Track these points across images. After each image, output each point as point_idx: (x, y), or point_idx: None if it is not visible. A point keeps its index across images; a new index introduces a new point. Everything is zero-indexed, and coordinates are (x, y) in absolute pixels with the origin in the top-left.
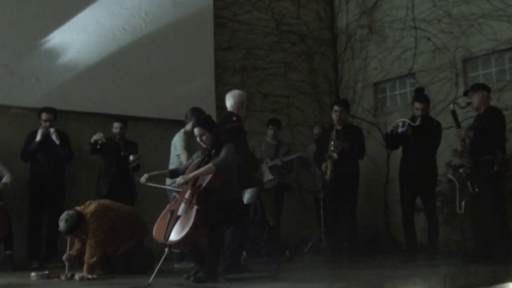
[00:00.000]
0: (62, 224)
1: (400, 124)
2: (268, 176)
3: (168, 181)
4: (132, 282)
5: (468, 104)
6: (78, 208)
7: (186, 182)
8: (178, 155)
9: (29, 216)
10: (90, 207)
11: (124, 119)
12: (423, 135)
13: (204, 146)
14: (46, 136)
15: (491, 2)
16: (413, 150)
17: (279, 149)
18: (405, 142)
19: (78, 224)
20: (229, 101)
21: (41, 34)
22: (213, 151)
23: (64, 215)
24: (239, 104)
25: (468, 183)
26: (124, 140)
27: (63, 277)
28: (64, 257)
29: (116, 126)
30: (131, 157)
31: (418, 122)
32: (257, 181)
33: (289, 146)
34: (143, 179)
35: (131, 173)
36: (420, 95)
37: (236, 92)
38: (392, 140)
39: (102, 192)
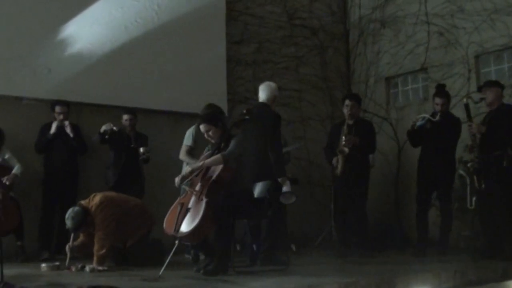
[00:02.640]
0: (68, 222)
1: (420, 119)
2: (285, 188)
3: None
4: (143, 274)
5: (482, 99)
6: (83, 202)
7: (195, 171)
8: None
9: (42, 207)
10: (95, 199)
11: (133, 111)
12: (442, 131)
13: (213, 141)
14: (60, 128)
15: None
16: (432, 146)
17: None
18: (424, 137)
19: (84, 220)
20: (264, 93)
21: (53, 26)
22: (222, 144)
23: (69, 213)
24: (274, 97)
25: (475, 177)
26: (134, 132)
27: (73, 269)
28: (67, 247)
29: (125, 118)
30: (141, 149)
31: (437, 118)
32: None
33: (285, 138)
34: (177, 183)
35: (141, 166)
36: (440, 90)
37: (272, 84)
38: (413, 136)
39: (109, 183)
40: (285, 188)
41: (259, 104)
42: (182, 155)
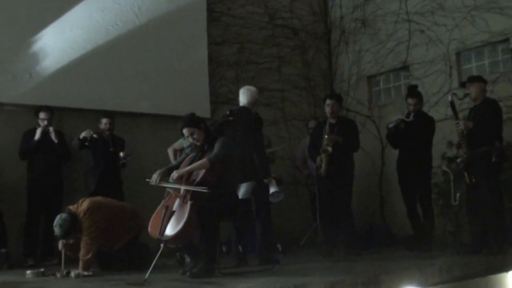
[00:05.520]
0: (57, 230)
1: (393, 120)
2: (273, 188)
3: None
4: (129, 278)
5: (466, 95)
6: (71, 207)
7: (180, 177)
8: None
9: (27, 213)
10: (83, 205)
11: (112, 115)
12: (416, 130)
13: (198, 144)
14: (44, 134)
15: None
16: (407, 145)
17: None
18: (401, 138)
19: (72, 227)
20: (245, 97)
21: (34, 31)
22: (206, 146)
23: (57, 220)
24: (255, 100)
25: (465, 173)
26: (112, 136)
27: (58, 275)
28: (60, 243)
29: (104, 122)
30: (121, 154)
31: (411, 118)
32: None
33: (268, 138)
34: (153, 181)
35: (120, 170)
36: (412, 91)
37: (252, 88)
38: (392, 138)
39: (90, 188)
40: (272, 188)
41: (240, 108)
42: (170, 150)
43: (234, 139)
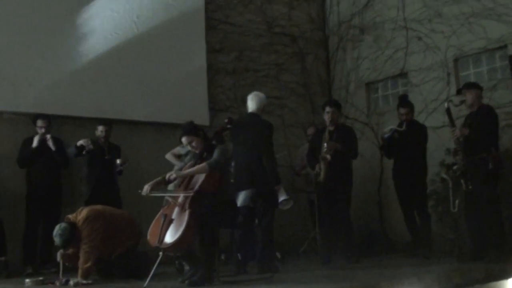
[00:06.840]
0: (57, 240)
1: (387, 131)
2: (282, 196)
3: (170, 186)
4: (128, 287)
5: (462, 102)
6: (70, 216)
7: (179, 177)
8: None
9: (26, 221)
10: (82, 213)
11: (108, 122)
12: (409, 139)
13: (196, 151)
14: (42, 142)
15: (481, 1)
16: (401, 154)
17: None
18: (395, 147)
19: (72, 236)
20: (254, 103)
21: (32, 39)
22: (205, 154)
23: (57, 230)
24: (264, 107)
25: (462, 181)
26: (108, 143)
27: (57, 283)
28: (59, 254)
29: (100, 129)
30: (118, 161)
31: (404, 127)
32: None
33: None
34: (145, 191)
35: (116, 177)
36: (403, 101)
37: (260, 94)
38: (386, 148)
39: (85, 196)
40: (282, 196)
41: (250, 114)
42: (169, 156)
43: (243, 147)
